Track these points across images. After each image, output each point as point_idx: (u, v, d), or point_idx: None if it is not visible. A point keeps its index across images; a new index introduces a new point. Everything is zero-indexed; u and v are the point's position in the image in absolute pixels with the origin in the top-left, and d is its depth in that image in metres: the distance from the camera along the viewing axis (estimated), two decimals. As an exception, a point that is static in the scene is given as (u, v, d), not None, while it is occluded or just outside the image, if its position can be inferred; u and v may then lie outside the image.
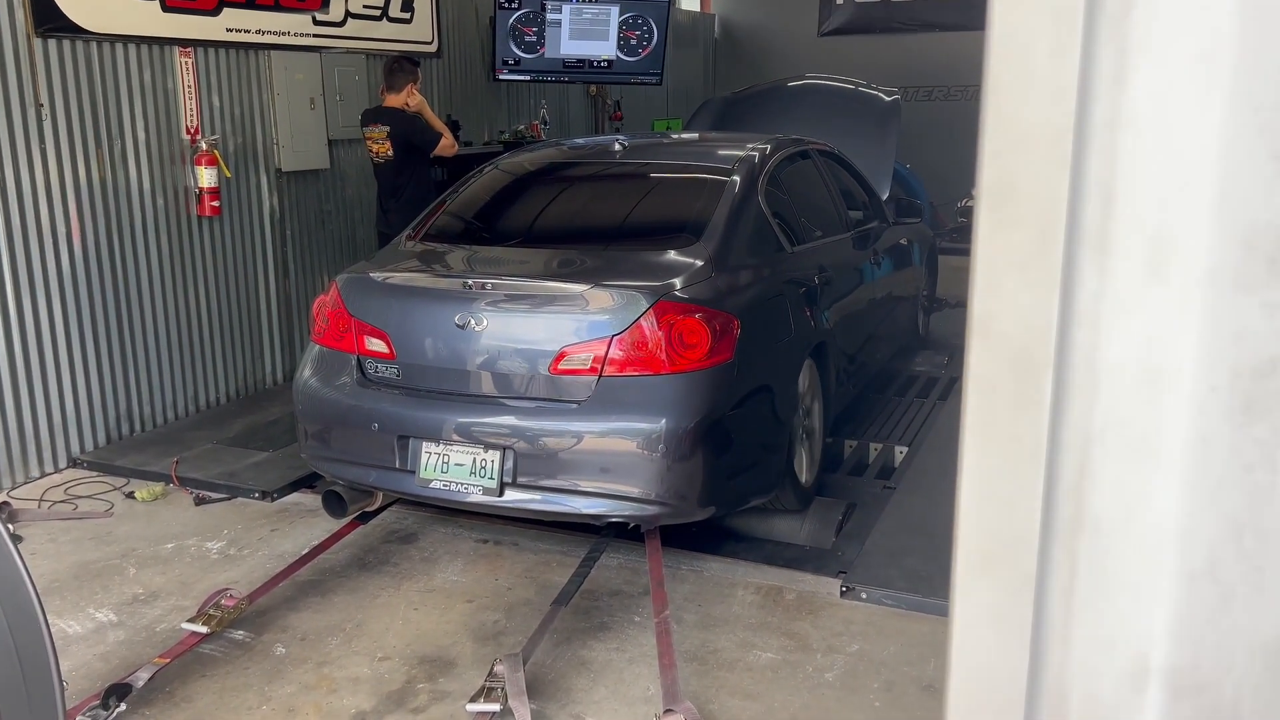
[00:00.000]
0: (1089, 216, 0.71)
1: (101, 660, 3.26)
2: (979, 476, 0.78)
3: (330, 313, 3.86)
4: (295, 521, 4.32)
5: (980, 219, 0.74)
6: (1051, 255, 0.71)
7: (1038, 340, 0.72)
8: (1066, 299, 0.71)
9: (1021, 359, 0.73)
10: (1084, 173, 0.70)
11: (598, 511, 3.50)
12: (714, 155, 4.65)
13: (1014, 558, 0.77)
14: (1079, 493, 0.74)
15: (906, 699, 2.98)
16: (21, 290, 4.69)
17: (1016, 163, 0.71)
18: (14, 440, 4.70)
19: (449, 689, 3.07)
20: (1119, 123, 0.69)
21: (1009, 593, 0.77)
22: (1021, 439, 0.75)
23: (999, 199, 0.73)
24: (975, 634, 0.80)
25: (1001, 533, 0.77)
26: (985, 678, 0.80)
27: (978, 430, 0.78)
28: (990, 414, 0.76)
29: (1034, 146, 0.70)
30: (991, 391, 0.76)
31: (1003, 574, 0.77)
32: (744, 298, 3.73)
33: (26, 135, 4.65)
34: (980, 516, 0.78)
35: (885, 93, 7.03)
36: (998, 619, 0.78)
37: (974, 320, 0.76)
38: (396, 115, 5.96)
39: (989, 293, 0.75)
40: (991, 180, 0.72)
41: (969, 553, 0.79)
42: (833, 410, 4.51)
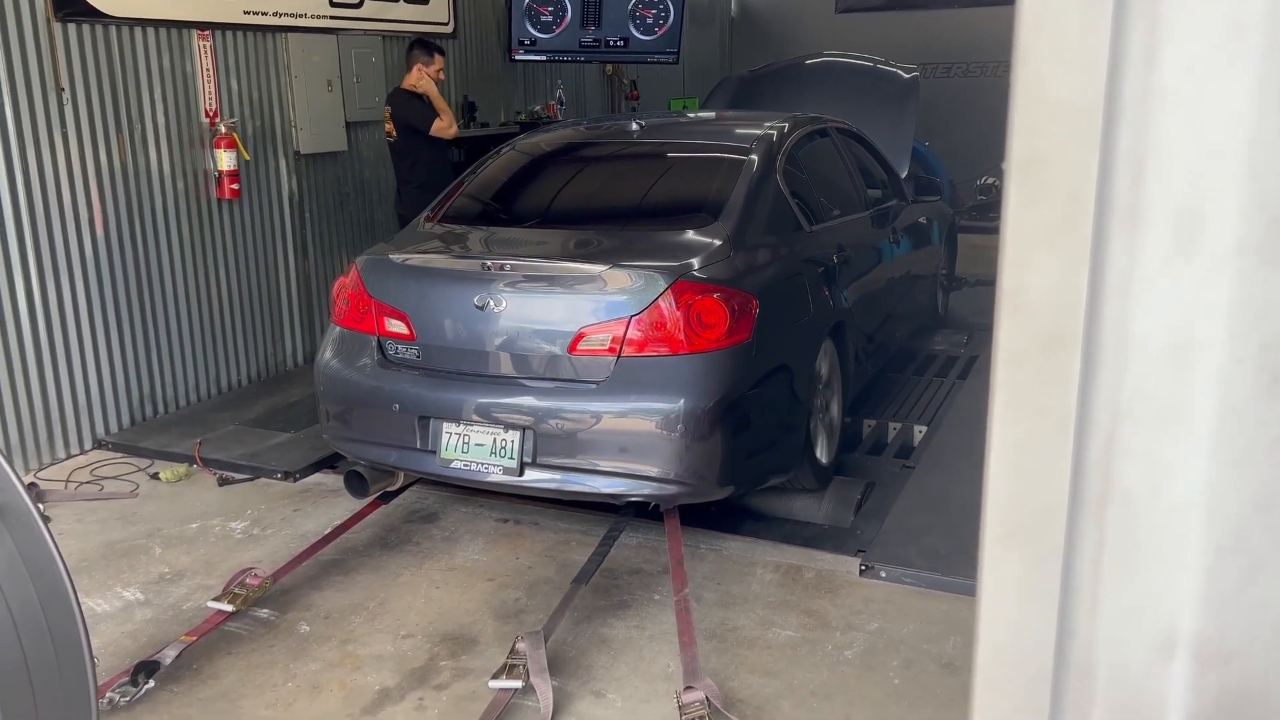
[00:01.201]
0: (1119, 190, 0.70)
1: (130, 638, 3.31)
2: (1008, 449, 0.79)
3: (350, 294, 3.88)
4: (317, 501, 4.36)
5: (1010, 193, 0.74)
6: (1081, 229, 0.71)
7: (1067, 314, 0.72)
8: (1096, 272, 0.71)
9: (1051, 332, 0.73)
10: (1114, 147, 0.70)
11: (617, 491, 3.51)
12: (731, 134, 4.63)
13: (1042, 530, 0.77)
14: (1107, 465, 0.74)
15: (926, 676, 2.99)
16: (45, 274, 4.74)
17: (1047, 137, 0.71)
18: (40, 422, 4.76)
19: (471, 666, 3.10)
20: (1149, 97, 0.69)
21: (1037, 564, 0.78)
22: (1050, 412, 0.75)
23: (1029, 173, 0.72)
24: (1003, 606, 0.81)
25: (1030, 505, 0.77)
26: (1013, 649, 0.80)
27: (1007, 403, 0.78)
28: (1019, 387, 0.77)
29: (1064, 121, 0.70)
30: (1021, 365, 0.76)
31: (1031, 546, 0.78)
32: (762, 277, 3.73)
33: (48, 120, 4.68)
34: (1009, 489, 0.78)
35: (904, 70, 6.97)
36: (1026, 590, 0.79)
37: (1003, 294, 0.76)
38: (400, 96, 6.01)
39: (1018, 266, 0.74)
40: (1022, 155, 0.72)
41: (997, 525, 0.79)
42: (851, 389, 4.51)
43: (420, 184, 5.96)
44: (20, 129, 4.56)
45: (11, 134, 4.53)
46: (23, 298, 4.64)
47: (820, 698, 2.90)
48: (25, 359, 4.68)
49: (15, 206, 4.58)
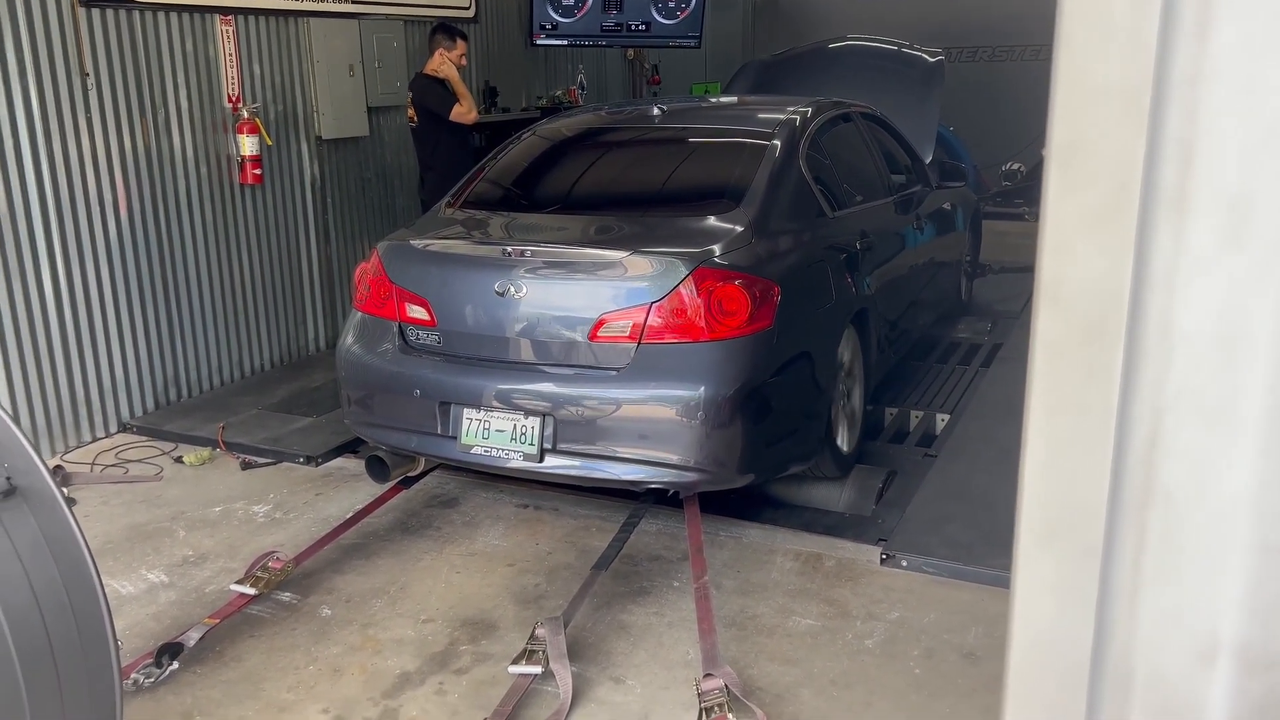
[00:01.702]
0: (1166, 176, 0.67)
1: (154, 620, 3.34)
2: (1045, 445, 0.76)
3: (372, 280, 3.89)
4: (339, 486, 4.38)
5: (1050, 179, 0.71)
6: (1126, 217, 0.68)
7: (1110, 304, 0.69)
8: (1141, 262, 0.68)
9: (1092, 325, 0.71)
10: (1162, 130, 0.67)
11: (637, 478, 3.51)
12: (754, 119, 4.59)
13: (1080, 528, 0.74)
14: (1149, 463, 0.72)
15: (947, 666, 2.97)
16: (71, 259, 4.77)
17: (1090, 120, 0.68)
18: (66, 405, 4.81)
19: (491, 651, 3.11)
20: (1200, 77, 0.66)
21: (1074, 564, 0.75)
22: (1090, 407, 0.73)
23: (1071, 158, 0.70)
24: (1038, 605, 0.78)
25: (1068, 503, 0.75)
26: (1048, 650, 0.78)
27: (1045, 397, 0.75)
28: (1058, 381, 0.74)
29: (1109, 103, 0.67)
30: (1060, 358, 0.73)
31: (1068, 545, 0.75)
32: (784, 264, 3.70)
33: (73, 105, 4.71)
34: (1046, 486, 0.76)
35: (929, 53, 6.90)
36: (1062, 590, 0.76)
37: (1042, 285, 0.73)
38: (421, 81, 6.00)
39: (1059, 256, 0.72)
40: (1063, 138, 0.69)
41: (1033, 522, 0.77)
42: (874, 377, 4.48)
43: (441, 169, 5.96)
44: (45, 114, 4.59)
45: (37, 119, 4.55)
46: (49, 282, 4.68)
47: (840, 686, 2.89)
48: (51, 343, 4.72)
49: (41, 191, 4.61)
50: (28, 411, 4.63)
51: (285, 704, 2.88)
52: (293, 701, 2.89)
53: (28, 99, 4.51)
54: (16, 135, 4.49)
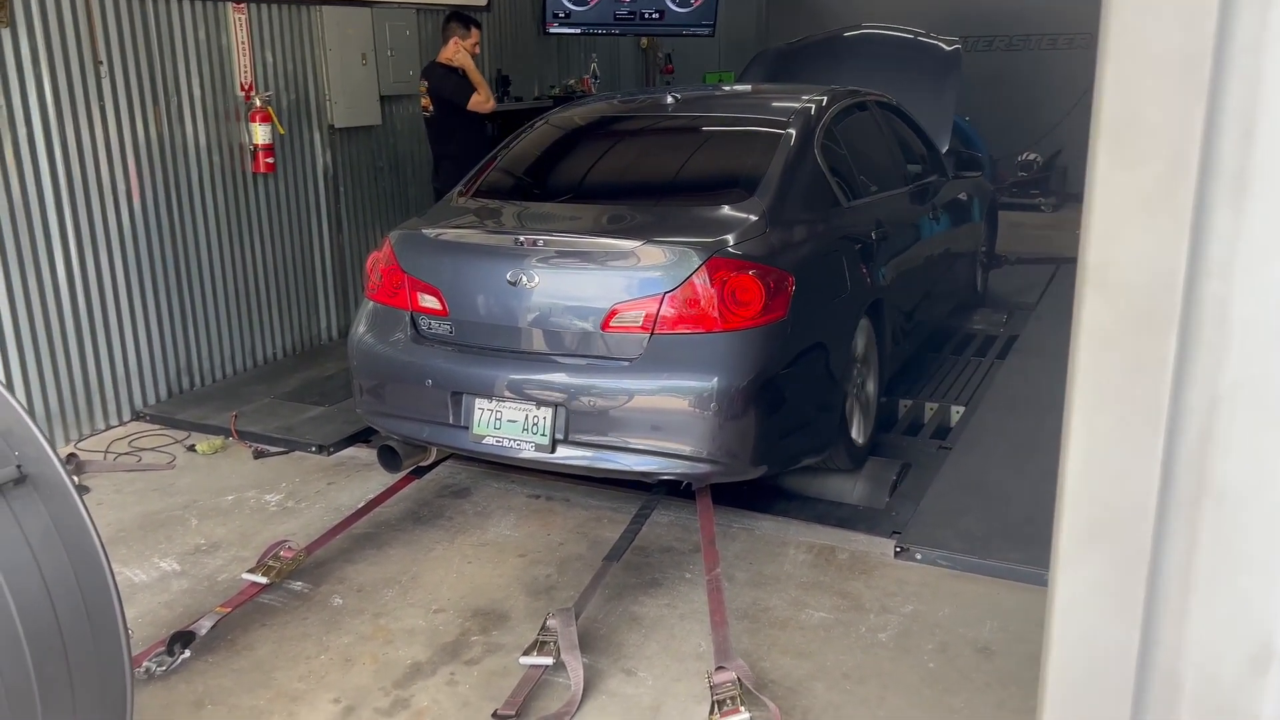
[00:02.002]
0: (1225, 151, 0.63)
1: (166, 608, 3.35)
2: (1090, 441, 0.72)
3: (384, 269, 3.87)
4: (351, 475, 4.38)
5: (1098, 156, 0.67)
6: (1181, 196, 0.64)
7: (1162, 291, 0.65)
8: (1197, 245, 0.64)
9: (1143, 312, 0.67)
10: (1221, 102, 0.62)
11: (649, 469, 3.49)
12: (768, 108, 4.55)
13: (1127, 529, 0.71)
14: (1202, 460, 0.68)
15: (961, 661, 2.95)
16: (84, 247, 4.78)
17: (1143, 92, 0.64)
18: (80, 394, 4.82)
19: (502, 641, 3.10)
20: (1264, 44, 0.61)
21: (1120, 567, 0.72)
22: (1140, 401, 0.69)
23: (1122, 133, 0.65)
24: (1081, 610, 0.75)
25: (1114, 502, 0.71)
26: (1091, 656, 0.75)
27: (1090, 390, 0.72)
28: (1105, 373, 0.70)
29: (1165, 73, 0.62)
30: (1107, 348, 0.69)
31: (1114, 546, 0.72)
32: (799, 254, 3.67)
33: (86, 93, 4.71)
34: (1090, 484, 0.72)
35: (945, 42, 6.82)
36: (1107, 594, 0.73)
37: (1088, 269, 0.69)
38: (437, 70, 5.97)
39: (1107, 238, 0.68)
40: (1113, 112, 0.65)
41: (1076, 523, 0.73)
42: (888, 369, 4.44)
43: (457, 158, 5.93)
44: (59, 101, 4.59)
45: (50, 106, 4.56)
46: (62, 270, 4.69)
47: (854, 680, 2.87)
48: (65, 331, 4.73)
49: (54, 179, 4.61)
50: (41, 399, 4.64)
51: (297, 693, 2.88)
52: (304, 691, 2.89)
53: (41, 87, 4.51)
54: (30, 123, 4.49)
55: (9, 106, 4.40)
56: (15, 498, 1.87)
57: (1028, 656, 2.96)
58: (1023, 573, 3.33)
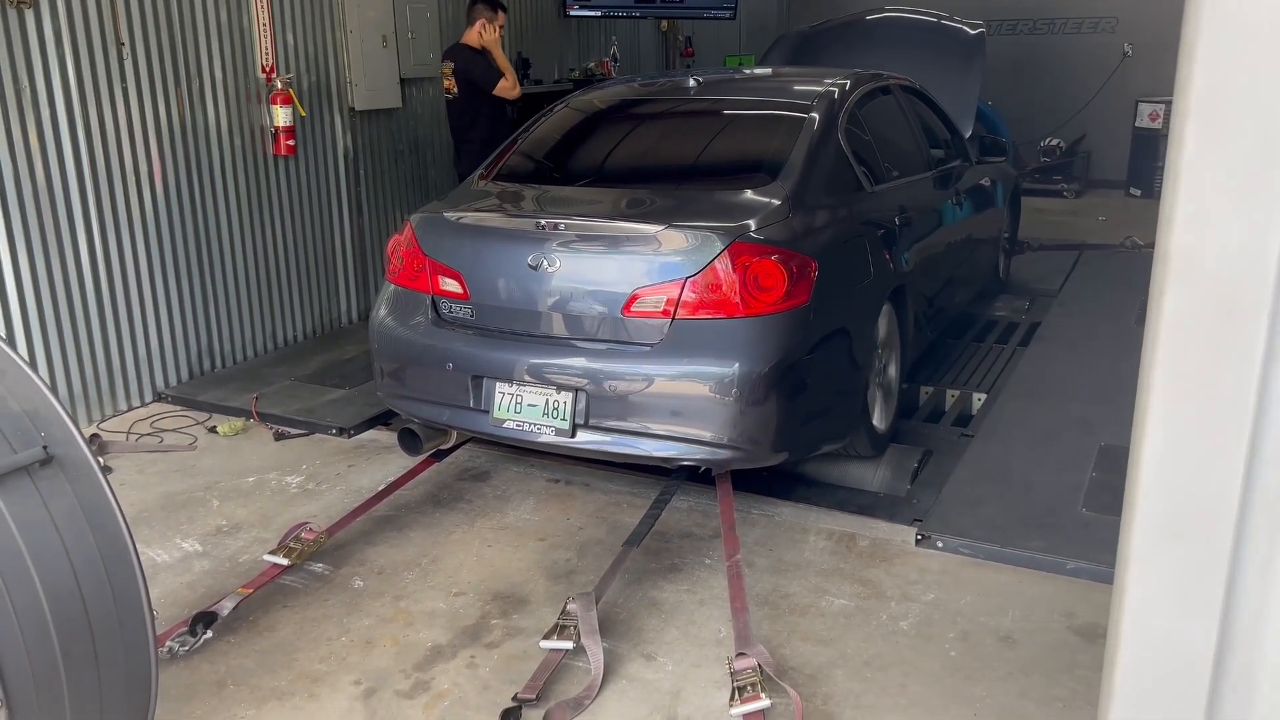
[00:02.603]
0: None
1: (188, 589, 3.37)
2: (1168, 435, 0.69)
3: (405, 252, 3.87)
4: (371, 458, 4.39)
5: (1184, 136, 0.64)
6: (1273, 177, 0.60)
7: (1252, 277, 0.62)
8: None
9: (1229, 300, 0.63)
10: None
11: (669, 455, 3.48)
12: (791, 91, 4.51)
13: (1206, 526, 0.68)
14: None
15: (983, 650, 2.93)
16: (107, 229, 4.80)
17: (1236, 65, 0.60)
18: (103, 375, 4.85)
19: (522, 625, 3.11)
20: None
21: (1197, 566, 0.69)
22: (1223, 393, 0.66)
23: (1213, 108, 0.62)
24: (1155, 609, 0.72)
25: (1192, 498, 0.69)
26: (1164, 657, 0.72)
27: (1170, 380, 0.68)
28: (1185, 363, 0.67)
29: (1261, 44, 0.59)
30: (1190, 336, 0.66)
31: (1192, 544, 0.69)
32: (822, 239, 3.64)
33: (109, 74, 4.72)
34: (1167, 479, 0.69)
35: (969, 26, 6.76)
36: (1182, 595, 0.70)
37: (1171, 254, 0.66)
38: (463, 52, 5.93)
39: (1193, 222, 0.64)
40: (1202, 88, 0.62)
41: (1151, 518, 0.71)
42: (910, 355, 4.41)
43: (481, 142, 5.91)
44: (81, 83, 4.60)
45: (74, 88, 4.57)
46: (85, 252, 4.71)
47: (875, 668, 2.86)
48: (88, 313, 4.75)
49: (77, 160, 4.63)
50: (65, 380, 4.68)
51: (318, 674, 2.90)
52: (325, 672, 2.91)
53: (64, 68, 4.52)
54: (53, 105, 4.51)
55: (32, 88, 4.41)
56: (42, 479, 1.88)
57: (1050, 646, 2.94)
58: (1045, 561, 3.30)
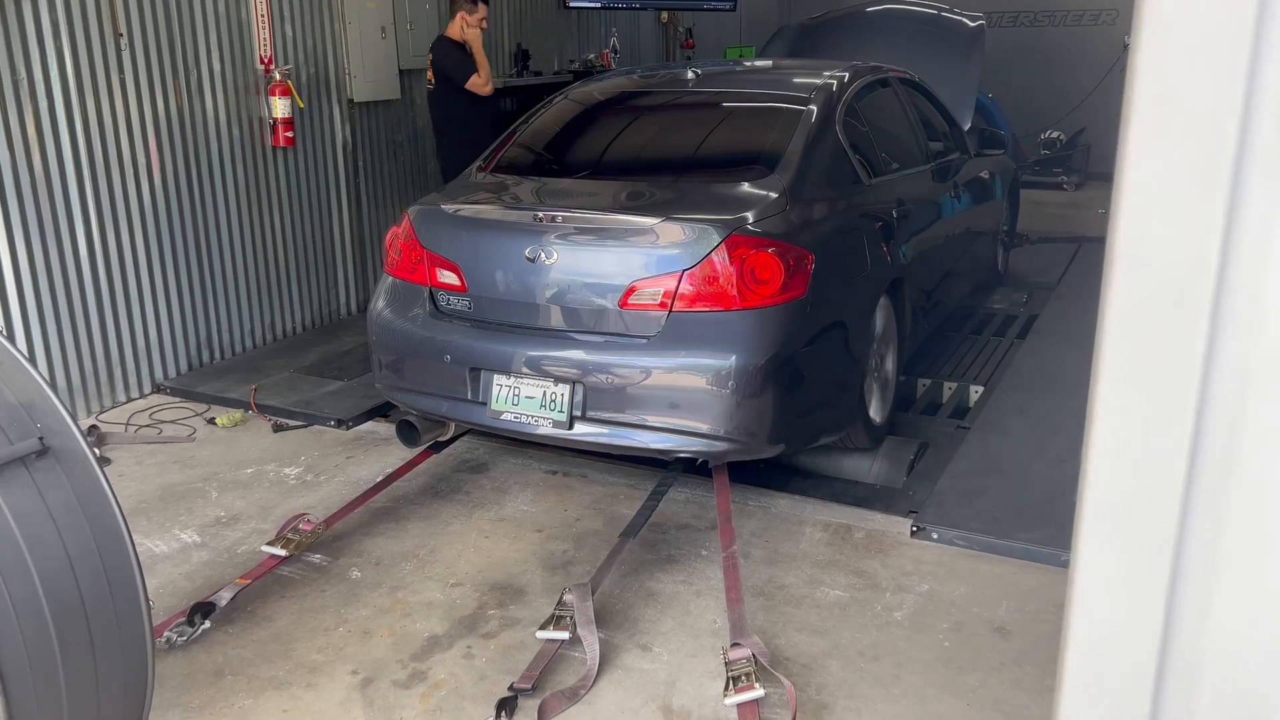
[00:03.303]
0: (1262, 132, 0.62)
1: (187, 579, 3.38)
2: (1115, 427, 0.71)
3: (403, 245, 3.88)
4: (370, 449, 4.41)
5: (1131, 135, 0.66)
6: (1217, 175, 0.63)
7: (1195, 272, 0.64)
8: (1231, 226, 0.63)
9: (1174, 293, 0.66)
10: (1259, 84, 0.61)
11: (666, 447, 3.49)
12: (790, 84, 4.51)
13: (1152, 514, 0.70)
14: (1231, 444, 0.67)
15: (977, 640, 2.95)
16: (105, 221, 4.80)
17: (1179, 71, 0.63)
18: (101, 366, 4.86)
19: (519, 616, 3.12)
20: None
21: (1143, 554, 0.71)
22: (1168, 384, 0.68)
23: (1157, 111, 0.64)
24: (1102, 596, 0.74)
25: (1139, 488, 0.70)
26: (1111, 641, 0.74)
27: (1116, 372, 0.70)
28: (1132, 355, 0.69)
29: (1203, 51, 0.61)
30: (1136, 328, 0.68)
31: (1137, 533, 0.71)
32: (819, 232, 3.64)
33: (107, 66, 4.71)
34: (1114, 468, 0.71)
35: (969, 18, 6.74)
36: (1128, 583, 0.72)
37: (1118, 248, 0.68)
38: (441, 45, 5.97)
39: (1140, 217, 0.66)
40: (1148, 91, 0.64)
41: (1098, 507, 0.72)
42: (907, 348, 4.42)
43: (455, 134, 5.99)
44: (79, 75, 4.60)
45: (71, 80, 4.57)
46: (83, 244, 4.71)
47: (869, 658, 2.88)
48: (86, 305, 4.76)
49: (75, 152, 4.63)
50: (63, 372, 4.69)
51: (315, 664, 2.91)
52: (322, 662, 2.92)
53: (62, 60, 4.52)
54: (51, 96, 4.51)
55: (30, 79, 4.41)
56: (38, 469, 1.89)
57: (1044, 637, 2.95)
58: (1039, 553, 3.32)
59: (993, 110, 7.86)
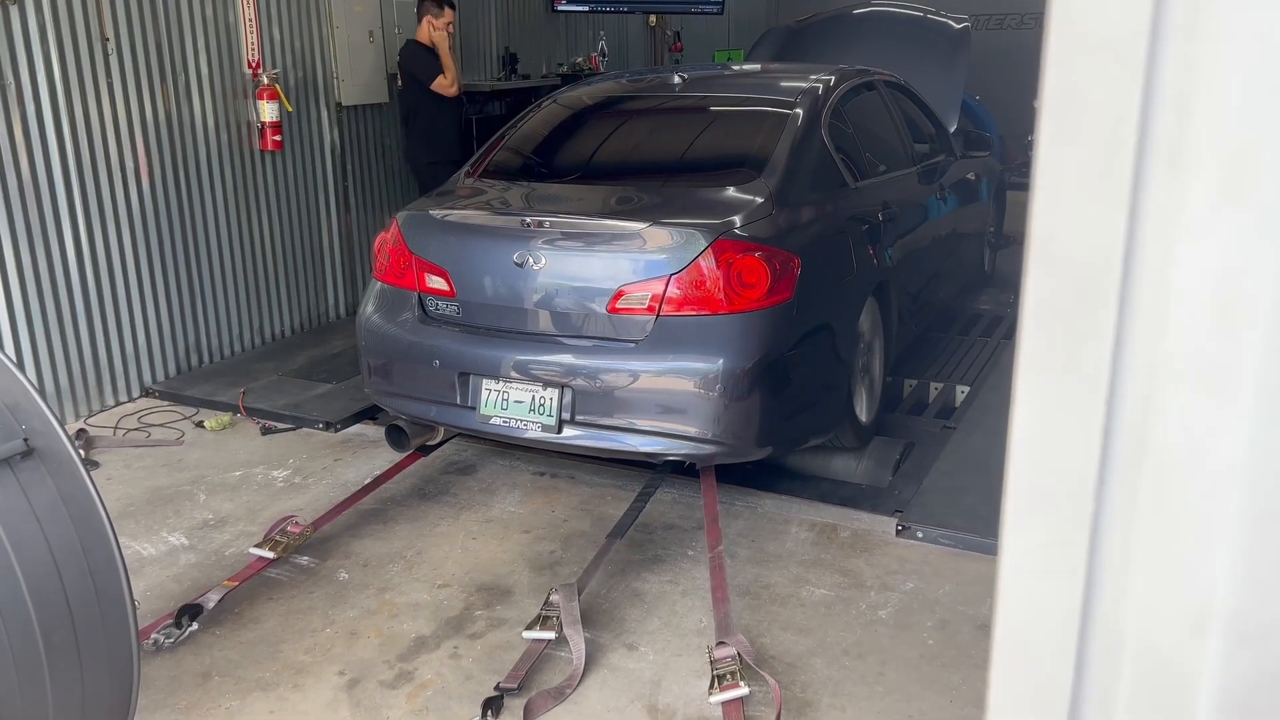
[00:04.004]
0: (1161, 129, 0.65)
1: (174, 581, 3.39)
2: (1034, 410, 0.75)
3: (391, 250, 3.89)
4: (358, 452, 4.42)
5: (1042, 132, 0.69)
6: (1119, 172, 0.66)
7: (1102, 264, 0.67)
8: (1134, 220, 0.66)
9: (1084, 284, 0.69)
10: (1157, 81, 0.64)
11: (654, 450, 3.51)
12: (776, 88, 4.54)
13: (1069, 495, 0.73)
14: (1142, 428, 0.70)
15: (961, 638, 2.97)
16: (94, 225, 4.81)
17: (1083, 70, 0.66)
18: (90, 370, 4.86)
19: (506, 616, 3.14)
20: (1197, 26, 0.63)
21: (1062, 532, 0.74)
22: (1081, 370, 0.71)
23: (1063, 110, 0.67)
24: (1025, 574, 0.77)
25: (1057, 469, 0.73)
26: (1035, 621, 0.77)
27: (1034, 361, 0.74)
28: (1048, 343, 0.72)
29: (1103, 53, 0.64)
30: (1050, 319, 0.71)
31: (1056, 512, 0.74)
32: (805, 235, 3.67)
33: (94, 70, 4.72)
34: (1034, 452, 0.75)
35: (954, 20, 6.78)
36: (1049, 559, 0.75)
37: (1033, 242, 0.71)
38: (407, 47, 6.06)
39: (1050, 212, 0.70)
40: (1055, 89, 0.67)
41: (1021, 489, 0.76)
42: (894, 349, 4.45)
43: (421, 135, 6.07)
44: (67, 79, 4.60)
45: (59, 83, 4.57)
46: (71, 247, 4.72)
47: (853, 656, 2.90)
48: (74, 308, 4.76)
49: (63, 156, 4.63)
50: (52, 376, 4.69)
51: (302, 665, 2.92)
52: (310, 663, 2.93)
53: (49, 64, 4.53)
54: (39, 100, 4.51)
55: (17, 84, 4.42)
56: (22, 470, 1.90)
57: (1027, 635, 2.98)
58: (1023, 552, 3.34)
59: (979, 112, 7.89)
